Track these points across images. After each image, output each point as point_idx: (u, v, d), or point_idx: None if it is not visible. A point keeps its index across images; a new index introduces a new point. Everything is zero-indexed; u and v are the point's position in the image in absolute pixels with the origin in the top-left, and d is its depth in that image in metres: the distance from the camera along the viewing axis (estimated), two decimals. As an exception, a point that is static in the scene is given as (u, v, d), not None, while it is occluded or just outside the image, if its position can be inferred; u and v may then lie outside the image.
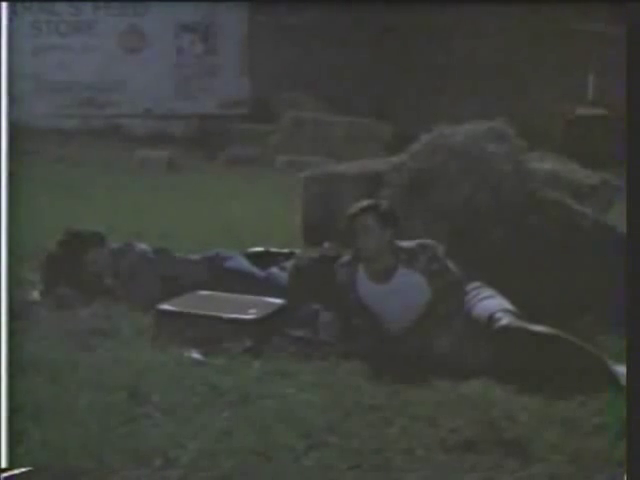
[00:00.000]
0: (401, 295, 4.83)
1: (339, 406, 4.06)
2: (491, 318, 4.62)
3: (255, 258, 6.07)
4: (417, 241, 4.93)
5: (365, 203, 4.95)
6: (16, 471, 3.41)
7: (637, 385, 3.48)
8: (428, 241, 4.92)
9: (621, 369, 4.27)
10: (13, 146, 3.85)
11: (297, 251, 6.08)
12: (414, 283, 4.84)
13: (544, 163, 6.22)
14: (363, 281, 4.94)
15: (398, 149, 6.39)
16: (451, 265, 4.86)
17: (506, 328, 4.55)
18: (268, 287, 5.60)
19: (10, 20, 3.95)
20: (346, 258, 5.04)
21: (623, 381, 4.16)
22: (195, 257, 5.97)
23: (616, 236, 5.31)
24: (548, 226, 5.48)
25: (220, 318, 4.98)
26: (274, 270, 5.86)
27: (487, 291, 4.89)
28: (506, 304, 4.75)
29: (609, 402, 4.06)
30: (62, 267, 5.81)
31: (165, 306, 5.14)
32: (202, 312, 5.05)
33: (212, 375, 4.40)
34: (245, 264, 5.92)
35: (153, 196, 10.19)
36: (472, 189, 5.53)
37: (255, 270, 5.86)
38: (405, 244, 4.90)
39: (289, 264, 5.84)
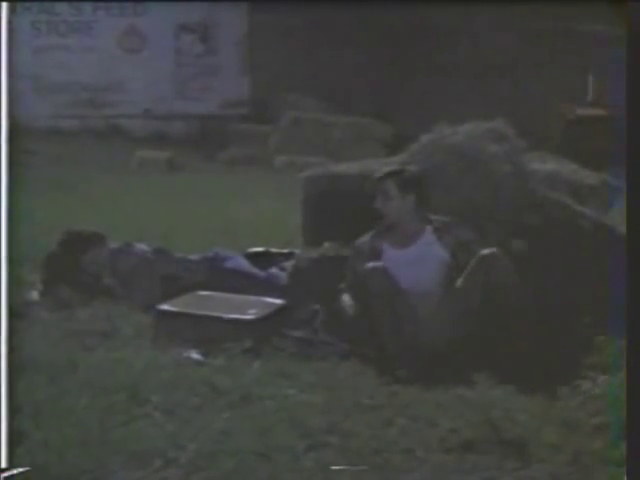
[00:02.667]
0: (418, 264, 4.84)
1: (339, 406, 4.06)
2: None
3: (255, 258, 6.07)
4: (451, 219, 5.01)
5: (388, 168, 4.98)
6: (16, 471, 3.41)
7: (637, 385, 3.48)
8: (463, 223, 4.98)
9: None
10: (13, 146, 3.84)
11: (297, 251, 6.08)
12: (434, 254, 4.86)
13: (544, 163, 6.21)
14: (387, 249, 4.97)
15: (398, 149, 6.39)
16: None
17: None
18: (268, 287, 5.60)
19: (10, 20, 3.94)
20: (371, 233, 5.07)
21: None
22: (195, 257, 5.97)
23: (616, 236, 5.31)
24: (548, 226, 5.47)
25: (220, 318, 4.98)
26: (274, 270, 5.86)
27: None
28: None
29: (609, 402, 4.06)
30: (62, 267, 5.81)
31: (165, 306, 5.14)
32: (202, 312, 5.04)
33: (212, 375, 4.39)
34: (245, 264, 5.92)
35: (153, 196, 10.18)
36: (472, 189, 5.53)
37: (255, 270, 5.86)
38: (440, 217, 5.01)
39: (289, 264, 5.84)
